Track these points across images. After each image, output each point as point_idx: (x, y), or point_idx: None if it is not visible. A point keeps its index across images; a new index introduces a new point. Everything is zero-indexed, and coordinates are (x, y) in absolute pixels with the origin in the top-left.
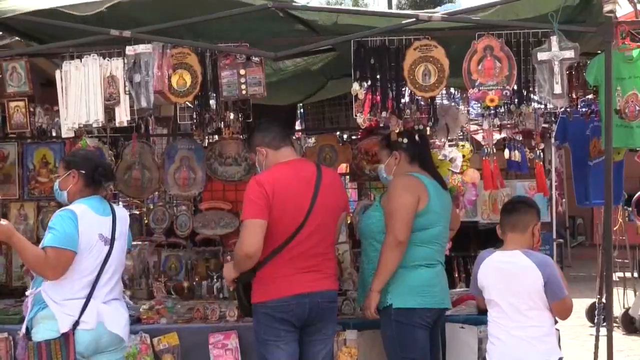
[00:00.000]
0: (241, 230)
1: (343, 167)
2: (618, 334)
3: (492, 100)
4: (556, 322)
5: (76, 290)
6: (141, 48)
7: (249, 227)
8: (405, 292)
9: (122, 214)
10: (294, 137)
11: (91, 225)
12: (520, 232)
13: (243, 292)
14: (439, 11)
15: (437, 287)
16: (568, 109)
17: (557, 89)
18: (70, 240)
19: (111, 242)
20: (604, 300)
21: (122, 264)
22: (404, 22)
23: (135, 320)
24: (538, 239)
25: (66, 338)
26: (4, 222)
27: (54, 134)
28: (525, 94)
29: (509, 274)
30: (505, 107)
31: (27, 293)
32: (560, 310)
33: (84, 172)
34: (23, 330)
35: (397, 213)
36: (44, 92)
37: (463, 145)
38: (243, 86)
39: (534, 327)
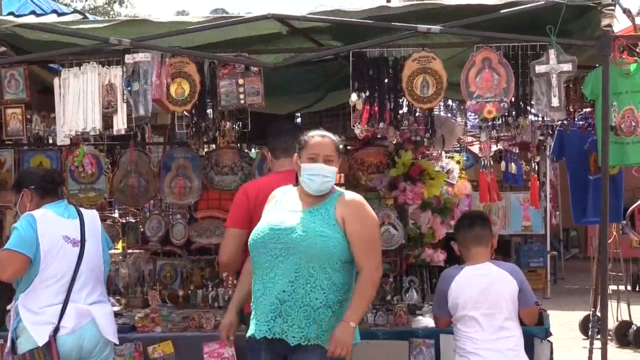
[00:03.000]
0: None
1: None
2: (611, 347)
3: (489, 112)
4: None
5: (52, 296)
6: (140, 56)
7: (225, 236)
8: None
9: (90, 214)
10: None
11: (53, 226)
12: (485, 245)
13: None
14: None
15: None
16: (565, 122)
17: (555, 102)
18: (25, 243)
19: (81, 243)
20: (598, 313)
21: (99, 265)
22: (402, 33)
23: (130, 328)
24: (493, 251)
25: (48, 345)
26: None
27: (50, 141)
28: (522, 106)
29: (486, 285)
30: (503, 119)
31: (8, 307)
32: (529, 316)
33: (33, 187)
34: (8, 344)
35: (379, 238)
36: (41, 99)
37: (452, 157)
38: (241, 96)
39: (509, 337)
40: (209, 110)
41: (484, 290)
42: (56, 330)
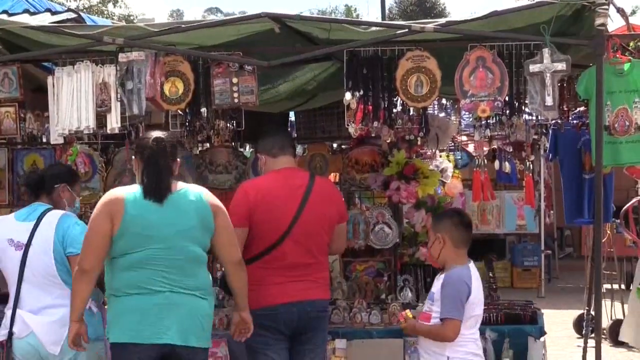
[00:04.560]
0: None
1: (333, 177)
2: (605, 346)
3: (483, 111)
4: None
5: (10, 299)
6: (134, 55)
7: None
8: (114, 324)
9: (51, 219)
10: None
11: (2, 230)
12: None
13: None
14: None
15: (154, 317)
16: (559, 121)
17: (549, 101)
18: None
19: (26, 247)
20: (592, 311)
21: (48, 271)
22: (396, 32)
23: None
24: None
25: (2, 346)
26: None
27: (44, 140)
28: (516, 105)
29: (481, 285)
30: (497, 118)
31: None
32: None
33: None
34: None
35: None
36: (35, 98)
37: (447, 155)
38: (235, 95)
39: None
40: (203, 109)
41: (481, 291)
42: (11, 333)
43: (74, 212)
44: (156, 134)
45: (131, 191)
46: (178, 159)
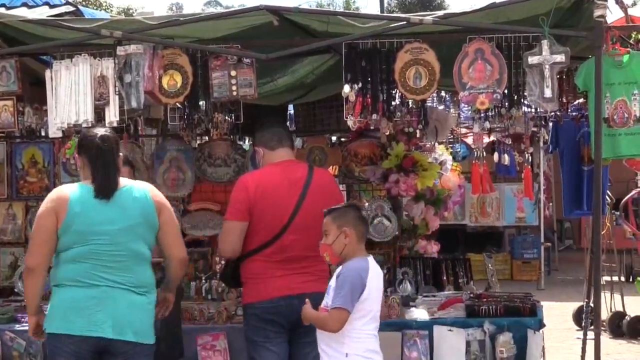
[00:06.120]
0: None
1: (332, 169)
2: (605, 338)
3: (482, 104)
4: None
5: None
6: (132, 48)
7: (225, 229)
8: (51, 314)
9: None
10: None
11: None
12: None
13: (232, 272)
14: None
15: (89, 310)
16: (558, 113)
17: (548, 93)
18: None
19: None
20: (591, 304)
21: None
22: (395, 24)
23: None
24: None
25: None
26: None
27: (42, 133)
28: (515, 97)
29: (380, 280)
30: (496, 110)
31: None
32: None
33: None
34: None
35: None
36: (33, 92)
37: (447, 148)
38: (234, 87)
39: None
40: (202, 102)
41: (381, 285)
42: None
43: None
44: (101, 131)
45: (76, 188)
46: (121, 154)
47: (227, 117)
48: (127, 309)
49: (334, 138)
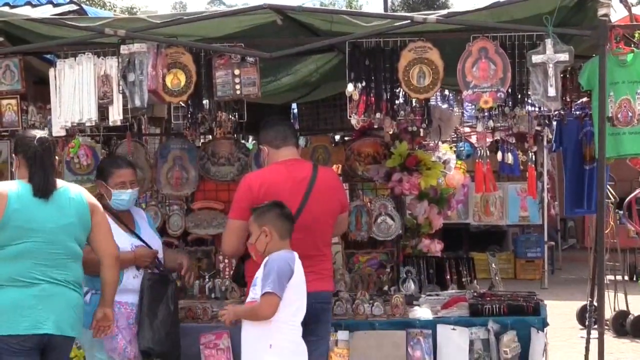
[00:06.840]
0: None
1: (336, 168)
2: (608, 337)
3: (486, 102)
4: None
5: None
6: (136, 47)
7: (228, 228)
8: None
9: None
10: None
11: None
12: None
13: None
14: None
15: (31, 309)
16: (562, 112)
17: (551, 92)
18: None
19: None
20: (595, 303)
21: None
22: (398, 23)
23: None
24: None
25: None
26: None
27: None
28: (519, 96)
29: (304, 277)
30: (499, 109)
31: None
32: None
33: None
34: None
35: None
36: (37, 91)
37: (450, 147)
38: (237, 86)
39: None
40: (205, 101)
41: (302, 278)
42: None
43: None
44: (39, 133)
45: (14, 186)
46: (57, 157)
47: (230, 116)
48: (66, 306)
49: (337, 137)
